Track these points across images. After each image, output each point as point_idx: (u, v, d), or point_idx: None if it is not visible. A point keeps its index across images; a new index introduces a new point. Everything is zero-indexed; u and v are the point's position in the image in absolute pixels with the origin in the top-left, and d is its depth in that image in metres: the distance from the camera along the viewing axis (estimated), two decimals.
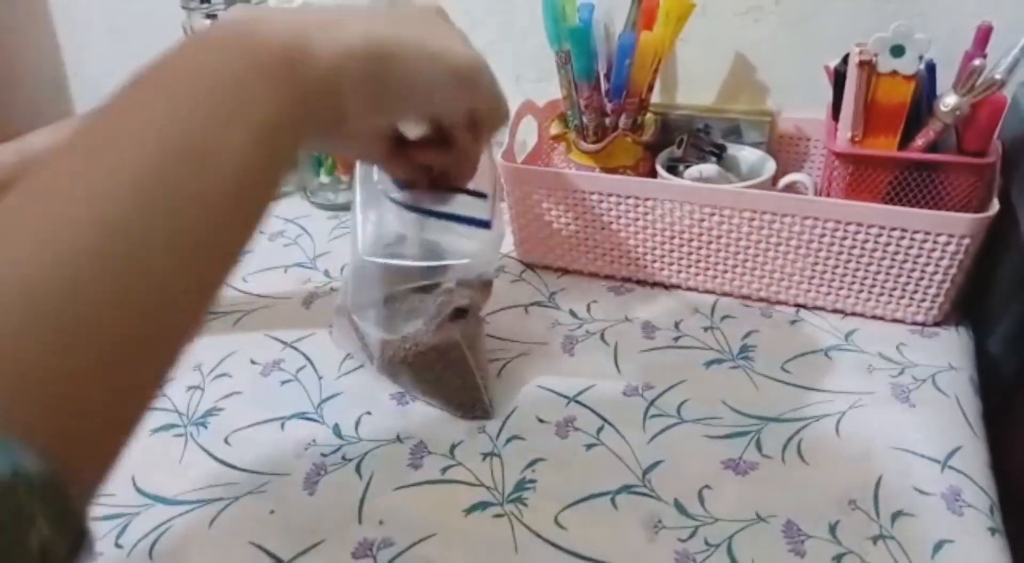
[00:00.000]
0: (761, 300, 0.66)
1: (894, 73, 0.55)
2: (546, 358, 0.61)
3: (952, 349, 0.59)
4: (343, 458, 0.53)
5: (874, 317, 0.63)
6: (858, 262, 0.60)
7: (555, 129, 0.72)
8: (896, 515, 0.46)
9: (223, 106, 0.25)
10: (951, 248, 0.56)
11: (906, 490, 0.48)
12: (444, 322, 0.53)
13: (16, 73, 1.10)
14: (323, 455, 0.53)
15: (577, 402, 0.56)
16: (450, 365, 0.54)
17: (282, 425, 0.56)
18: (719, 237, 0.64)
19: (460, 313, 0.54)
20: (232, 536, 0.47)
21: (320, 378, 0.60)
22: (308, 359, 0.62)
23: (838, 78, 0.60)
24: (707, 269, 0.66)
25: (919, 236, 0.57)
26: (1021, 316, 0.59)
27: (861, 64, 0.55)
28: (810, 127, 0.73)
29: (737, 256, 0.64)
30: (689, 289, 0.68)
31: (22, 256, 0.20)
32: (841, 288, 0.62)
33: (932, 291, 0.59)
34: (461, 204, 0.48)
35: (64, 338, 0.20)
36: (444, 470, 0.51)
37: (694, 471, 0.50)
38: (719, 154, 0.70)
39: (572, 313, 0.66)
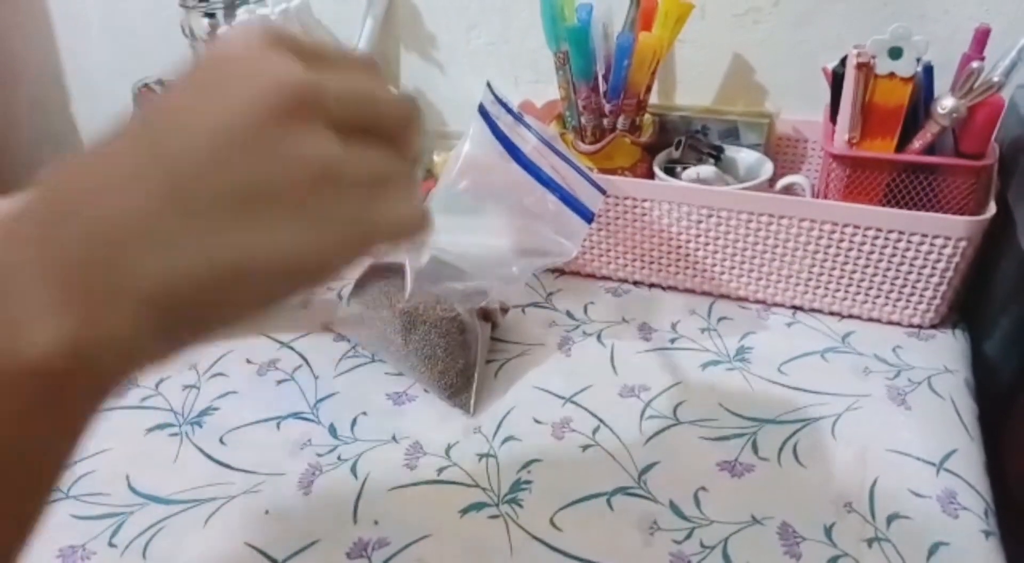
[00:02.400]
0: (758, 302, 0.66)
1: (892, 75, 0.55)
2: (543, 359, 0.61)
3: (948, 352, 0.59)
4: (338, 458, 0.53)
5: (871, 319, 0.63)
6: (855, 264, 0.60)
7: (553, 130, 0.72)
8: (891, 517, 0.46)
9: None
10: (948, 250, 0.56)
11: (901, 492, 0.48)
12: (473, 312, 0.57)
13: (15, 71, 1.10)
14: (319, 455, 0.53)
15: (573, 403, 0.56)
16: (463, 345, 0.57)
17: (278, 425, 0.56)
18: (716, 239, 0.63)
19: (485, 314, 0.58)
20: (227, 536, 0.47)
21: (316, 378, 0.60)
22: (304, 359, 0.62)
23: (836, 80, 0.60)
24: (704, 270, 0.66)
25: (916, 238, 0.57)
26: (1018, 319, 0.59)
27: (859, 66, 0.55)
28: (808, 129, 0.73)
29: (734, 258, 0.64)
30: (686, 290, 0.68)
31: None
32: (838, 290, 0.62)
33: (929, 294, 0.59)
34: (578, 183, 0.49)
35: None
36: (439, 471, 0.51)
37: (690, 473, 0.50)
38: (717, 155, 0.70)
39: (569, 314, 0.66)
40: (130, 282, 0.19)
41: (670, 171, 0.69)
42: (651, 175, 0.70)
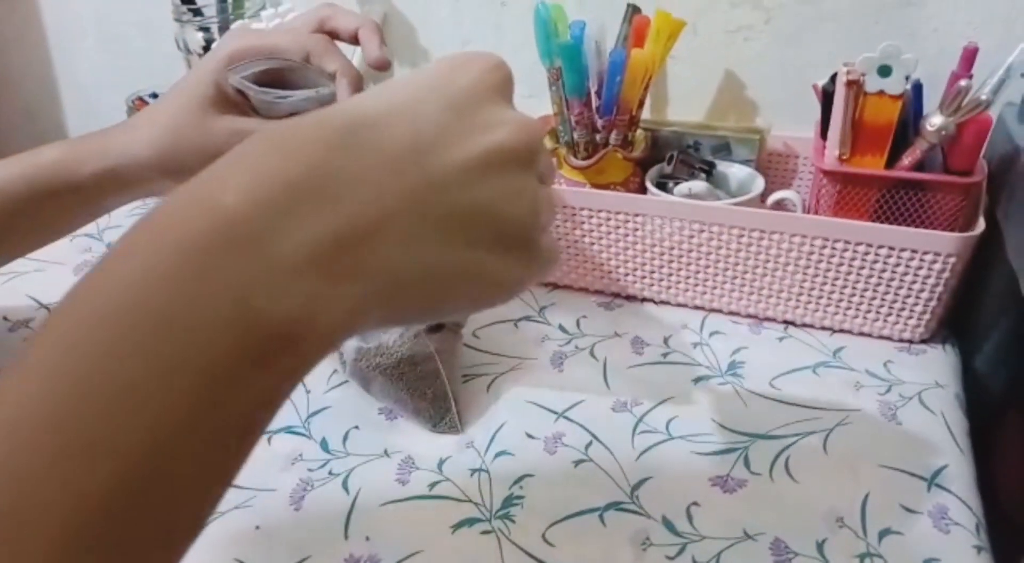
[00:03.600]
0: (750, 316, 0.66)
1: (881, 93, 0.56)
2: (535, 373, 0.61)
3: (939, 367, 0.60)
4: (330, 473, 0.52)
5: (862, 334, 0.63)
6: (846, 279, 0.60)
7: (546, 144, 0.72)
8: (883, 533, 0.46)
9: (191, 398, 0.19)
10: (938, 266, 0.57)
11: (893, 508, 0.48)
12: (420, 333, 0.54)
13: (9, 81, 1.10)
14: (310, 470, 0.53)
15: (566, 418, 0.56)
16: (423, 376, 0.55)
17: (268, 439, 0.56)
18: (708, 253, 0.64)
19: (436, 327, 0.56)
20: (217, 552, 0.47)
21: (308, 392, 0.60)
22: None
23: (826, 97, 0.61)
24: (696, 285, 0.66)
25: (906, 254, 0.57)
26: (1007, 334, 0.59)
27: (849, 83, 0.56)
28: (799, 145, 0.73)
29: (726, 272, 0.64)
30: (678, 305, 0.68)
31: None
32: (829, 305, 0.63)
33: (919, 309, 0.60)
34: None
35: None
36: (432, 486, 0.51)
37: (682, 488, 0.50)
38: (708, 171, 0.70)
39: (562, 328, 0.66)
40: (368, 263, 0.22)
41: (662, 186, 0.70)
42: (643, 190, 0.70)
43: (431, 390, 0.55)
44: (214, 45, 0.71)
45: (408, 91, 0.25)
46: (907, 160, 0.58)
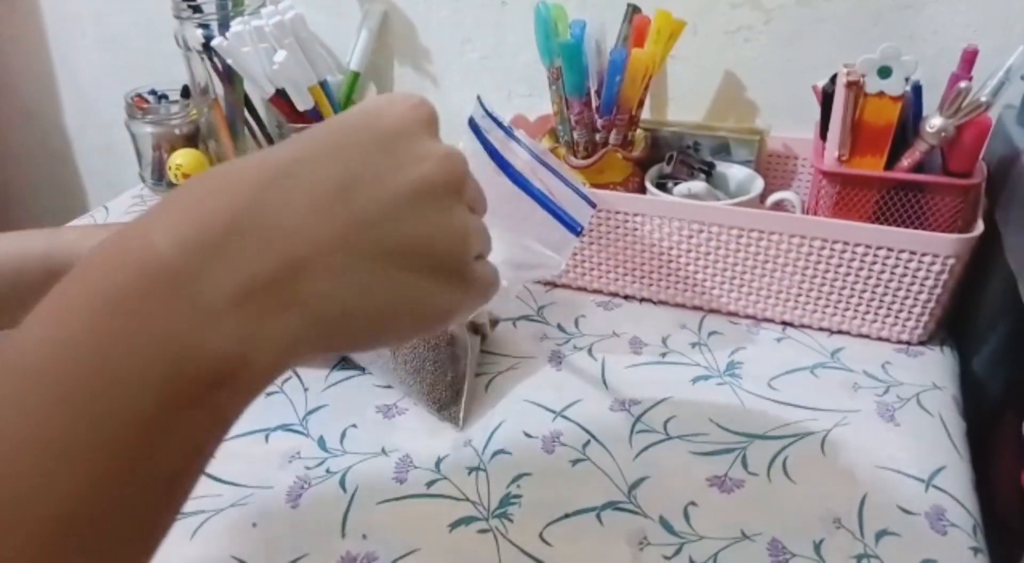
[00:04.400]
0: (748, 317, 0.66)
1: (881, 94, 0.56)
2: (533, 372, 0.61)
3: (937, 368, 0.60)
4: (327, 471, 0.52)
5: (860, 335, 0.63)
6: (844, 280, 0.60)
7: (545, 144, 0.72)
8: (880, 534, 0.46)
9: (125, 452, 0.19)
10: (936, 268, 0.57)
11: (890, 509, 0.48)
12: (463, 323, 0.57)
13: (7, 81, 1.10)
14: (307, 468, 0.53)
15: (563, 417, 0.56)
16: (451, 358, 0.56)
17: (266, 437, 0.56)
18: (707, 254, 0.64)
19: (475, 327, 0.59)
20: (214, 549, 0.47)
21: (306, 390, 0.60)
22: (294, 371, 0.62)
23: (826, 98, 0.61)
24: (695, 285, 0.66)
25: (905, 255, 0.57)
26: (1005, 336, 0.59)
27: (849, 85, 0.56)
28: (798, 146, 0.73)
29: (725, 273, 0.64)
30: (677, 305, 0.68)
31: None
32: (827, 306, 0.63)
33: (917, 310, 0.60)
34: (564, 195, 0.48)
35: None
36: (429, 484, 0.51)
37: (680, 488, 0.50)
38: (708, 171, 0.71)
39: (560, 327, 0.66)
40: (299, 299, 0.22)
41: (661, 186, 0.70)
42: (642, 190, 0.70)
43: (453, 372, 0.56)
44: None
45: (336, 134, 0.26)
46: (906, 162, 0.58)
